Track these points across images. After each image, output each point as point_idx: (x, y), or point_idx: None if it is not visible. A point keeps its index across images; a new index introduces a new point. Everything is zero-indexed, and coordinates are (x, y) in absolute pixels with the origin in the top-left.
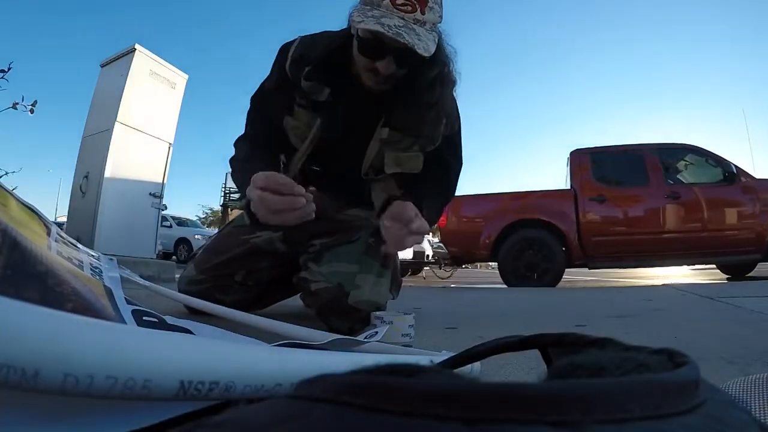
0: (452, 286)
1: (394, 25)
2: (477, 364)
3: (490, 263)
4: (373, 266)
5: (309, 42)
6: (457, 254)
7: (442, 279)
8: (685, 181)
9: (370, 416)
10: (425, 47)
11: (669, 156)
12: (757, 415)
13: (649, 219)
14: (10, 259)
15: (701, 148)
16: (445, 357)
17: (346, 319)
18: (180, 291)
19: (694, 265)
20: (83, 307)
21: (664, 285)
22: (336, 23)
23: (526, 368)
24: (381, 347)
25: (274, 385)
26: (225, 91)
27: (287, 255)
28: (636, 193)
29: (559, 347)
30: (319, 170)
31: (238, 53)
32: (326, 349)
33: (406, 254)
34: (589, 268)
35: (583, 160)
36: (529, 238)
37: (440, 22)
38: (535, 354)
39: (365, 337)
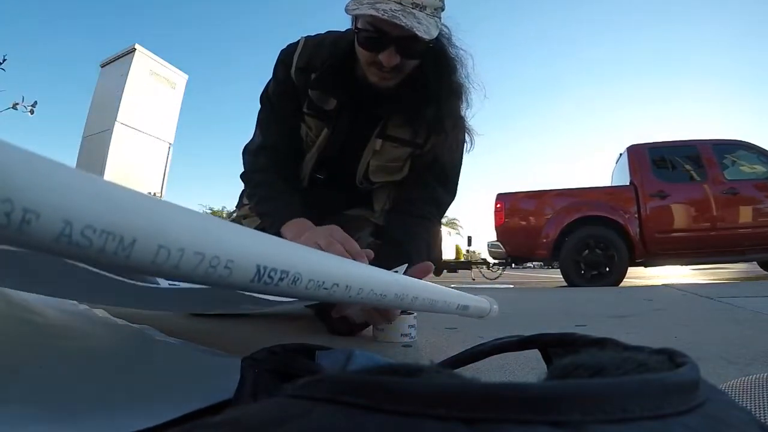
0: (452, 286)
1: (390, 9)
2: (476, 364)
3: (531, 264)
4: None
5: (313, 46)
6: (514, 253)
7: (490, 279)
8: (739, 177)
9: (370, 416)
10: (426, 30)
11: (722, 151)
12: (757, 415)
13: (711, 215)
14: None
15: (752, 144)
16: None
17: (344, 320)
18: None
19: (753, 261)
20: None
21: (664, 285)
22: (338, 23)
23: (526, 368)
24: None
25: (333, 284)
26: (225, 91)
27: None
28: (696, 188)
29: (559, 347)
30: (322, 178)
31: (239, 53)
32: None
33: (450, 254)
34: (645, 266)
35: (641, 156)
36: (592, 236)
37: (443, 8)
38: (535, 354)
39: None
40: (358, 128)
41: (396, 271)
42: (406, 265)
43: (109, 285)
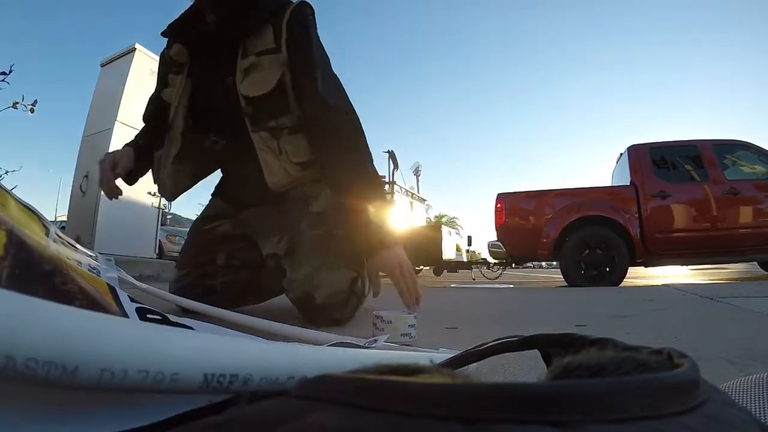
0: (452, 285)
1: None
2: (476, 364)
3: (529, 263)
4: (324, 260)
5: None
6: (515, 253)
7: (490, 279)
8: (740, 177)
9: (369, 416)
10: None
11: (723, 151)
12: (757, 415)
13: (711, 215)
14: (18, 259)
15: (752, 144)
16: (444, 355)
17: (323, 317)
18: (172, 293)
19: (754, 261)
20: (90, 304)
21: (664, 285)
22: (342, 22)
23: (526, 368)
24: (381, 345)
25: (287, 377)
26: None
27: (252, 239)
28: (697, 188)
29: (559, 347)
30: (221, 141)
31: None
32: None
33: (451, 254)
34: (646, 266)
35: (642, 156)
36: (593, 236)
37: None
38: (535, 354)
39: (366, 344)
40: (221, 69)
41: (376, 339)
42: (387, 335)
43: None
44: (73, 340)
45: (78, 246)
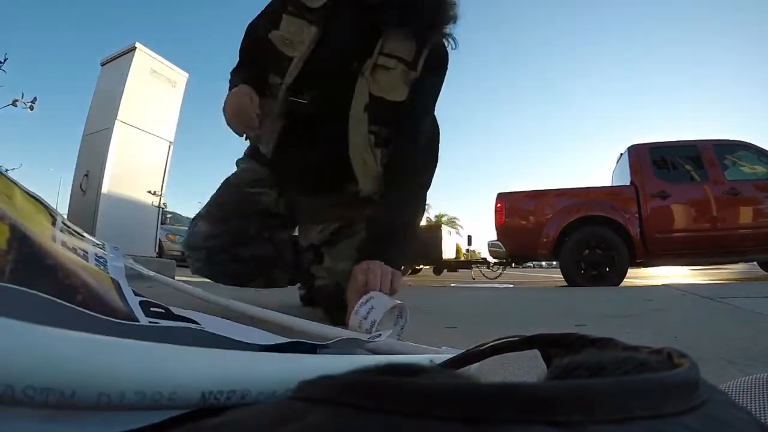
0: (452, 285)
1: None
2: (476, 364)
3: (529, 263)
4: None
5: None
6: (515, 253)
7: (490, 279)
8: (740, 177)
9: (369, 416)
10: None
11: (723, 152)
12: (757, 415)
13: (711, 215)
14: (20, 253)
15: (753, 144)
16: (445, 355)
17: (341, 313)
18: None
19: (754, 261)
20: (92, 298)
21: (664, 285)
22: None
23: (526, 368)
24: (384, 345)
25: (285, 390)
26: (225, 90)
27: (291, 221)
28: (697, 189)
29: (559, 347)
30: (306, 101)
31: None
32: (330, 348)
33: (451, 254)
34: (646, 266)
35: (642, 156)
36: (593, 236)
37: None
38: (535, 354)
39: (369, 338)
40: (351, 43)
41: (379, 334)
42: (390, 331)
43: (76, 319)
44: (70, 365)
45: (85, 235)
